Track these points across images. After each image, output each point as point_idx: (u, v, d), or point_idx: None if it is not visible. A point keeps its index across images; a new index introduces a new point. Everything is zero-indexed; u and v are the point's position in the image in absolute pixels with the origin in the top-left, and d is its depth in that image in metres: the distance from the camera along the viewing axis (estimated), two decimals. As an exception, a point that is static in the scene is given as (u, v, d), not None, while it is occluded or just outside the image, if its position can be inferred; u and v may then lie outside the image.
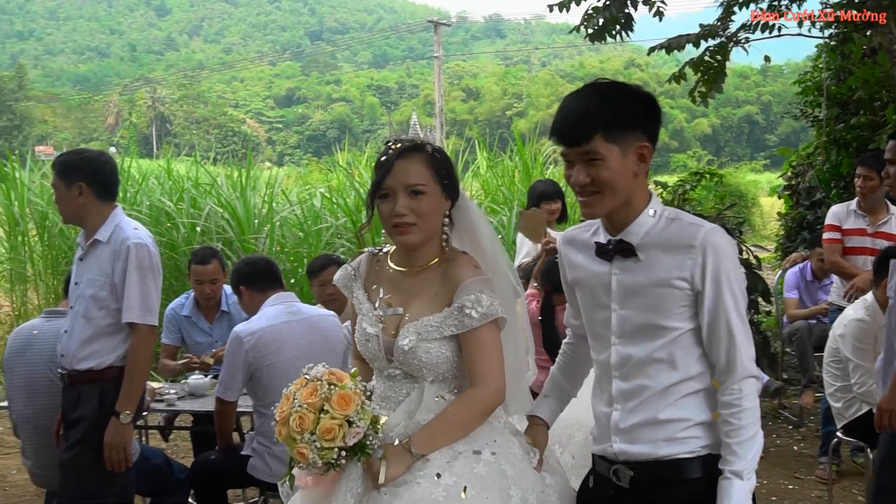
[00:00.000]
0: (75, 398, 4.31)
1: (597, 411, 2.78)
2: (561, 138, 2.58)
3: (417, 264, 2.89)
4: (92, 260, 4.33)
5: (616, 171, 2.53)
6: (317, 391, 2.57)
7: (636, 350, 2.63)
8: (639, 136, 2.56)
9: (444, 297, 2.83)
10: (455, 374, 2.85)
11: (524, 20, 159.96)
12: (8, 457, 7.47)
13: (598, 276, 2.70)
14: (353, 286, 3.02)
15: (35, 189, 11.87)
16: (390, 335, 2.85)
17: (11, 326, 10.89)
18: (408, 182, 2.77)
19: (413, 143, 2.87)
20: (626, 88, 2.62)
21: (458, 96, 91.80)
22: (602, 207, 2.59)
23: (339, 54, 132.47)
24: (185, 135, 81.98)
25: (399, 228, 2.79)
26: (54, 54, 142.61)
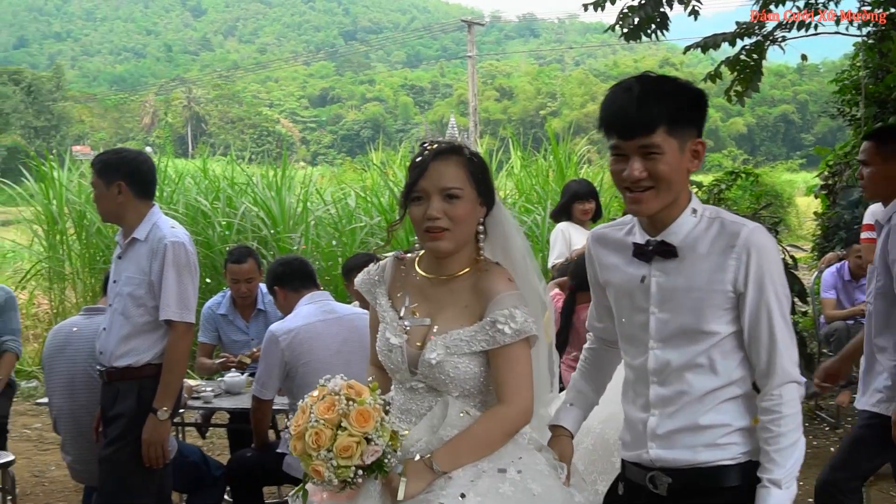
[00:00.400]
0: (114, 395, 4.36)
1: (630, 417, 2.68)
2: (617, 130, 2.45)
3: (447, 273, 2.77)
4: (130, 258, 4.38)
5: (674, 166, 2.44)
6: (334, 406, 2.44)
7: (676, 355, 2.54)
8: (693, 132, 2.48)
9: (475, 310, 2.72)
10: (481, 389, 2.74)
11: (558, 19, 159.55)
12: (47, 453, 7.57)
13: (634, 278, 2.60)
14: (377, 292, 2.89)
15: (73, 188, 11.98)
16: (415, 347, 2.74)
17: (50, 324, 11.02)
18: (443, 185, 2.66)
19: (450, 144, 2.76)
20: (682, 82, 2.53)
21: (491, 96, 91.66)
22: (654, 204, 2.47)
23: (372, 54, 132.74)
24: (220, 134, 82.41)
25: (431, 233, 2.67)
26: (91, 55, 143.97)
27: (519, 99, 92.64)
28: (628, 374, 2.71)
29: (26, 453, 7.47)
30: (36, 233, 12.39)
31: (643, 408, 2.62)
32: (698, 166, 2.53)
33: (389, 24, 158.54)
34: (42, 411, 8.89)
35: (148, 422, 4.26)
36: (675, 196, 2.50)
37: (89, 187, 11.73)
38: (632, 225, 2.66)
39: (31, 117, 72.68)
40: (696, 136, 2.48)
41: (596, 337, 3.01)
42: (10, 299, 6.34)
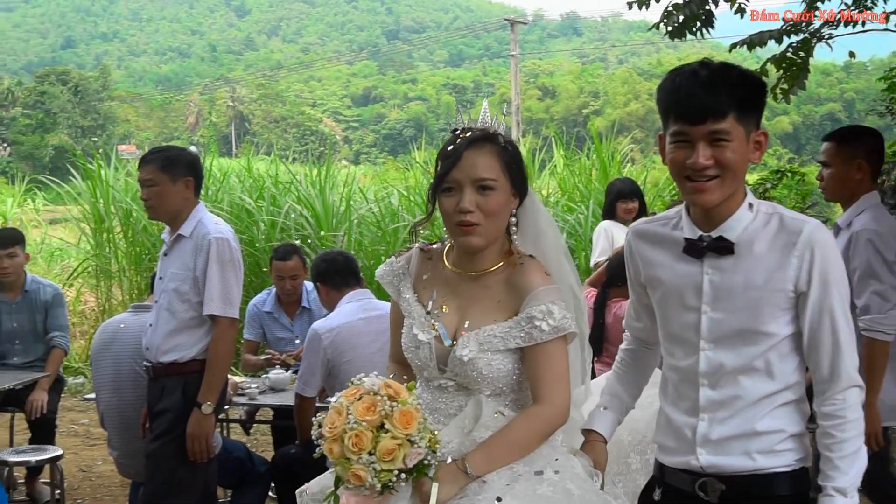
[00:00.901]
0: (160, 390, 4.41)
1: (674, 420, 2.55)
2: (685, 114, 2.34)
3: (479, 268, 2.64)
4: (175, 255, 4.43)
5: (740, 155, 2.35)
6: (375, 407, 2.30)
7: (730, 357, 2.43)
8: (756, 122, 2.40)
9: (509, 306, 2.60)
10: (513, 388, 2.63)
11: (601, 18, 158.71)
12: (94, 448, 7.66)
13: (685, 276, 2.49)
14: (402, 285, 2.77)
15: (119, 187, 12.11)
16: (445, 343, 2.63)
17: (96, 321, 11.16)
18: (476, 175, 2.53)
19: (484, 132, 2.62)
20: (746, 70, 2.43)
21: (534, 95, 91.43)
22: (717, 195, 2.37)
23: (415, 53, 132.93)
24: (264, 134, 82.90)
25: (463, 227, 2.54)
26: (137, 55, 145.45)
27: (561, 98, 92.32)
28: (670, 375, 2.60)
29: (74, 448, 7.57)
30: (83, 231, 12.55)
31: (689, 412, 2.51)
32: (759, 159, 2.45)
33: (432, 23, 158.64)
34: (89, 407, 8.99)
35: (192, 416, 4.30)
36: (737, 188, 2.41)
37: (136, 185, 11.92)
38: (677, 220, 2.56)
39: (78, 117, 73.58)
40: (758, 126, 2.41)
41: (634, 337, 2.89)
42: (58, 296, 6.44)
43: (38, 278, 6.60)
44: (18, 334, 6.35)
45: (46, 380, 6.15)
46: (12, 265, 6.26)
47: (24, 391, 6.03)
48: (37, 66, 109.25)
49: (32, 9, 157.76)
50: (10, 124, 72.56)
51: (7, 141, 71.89)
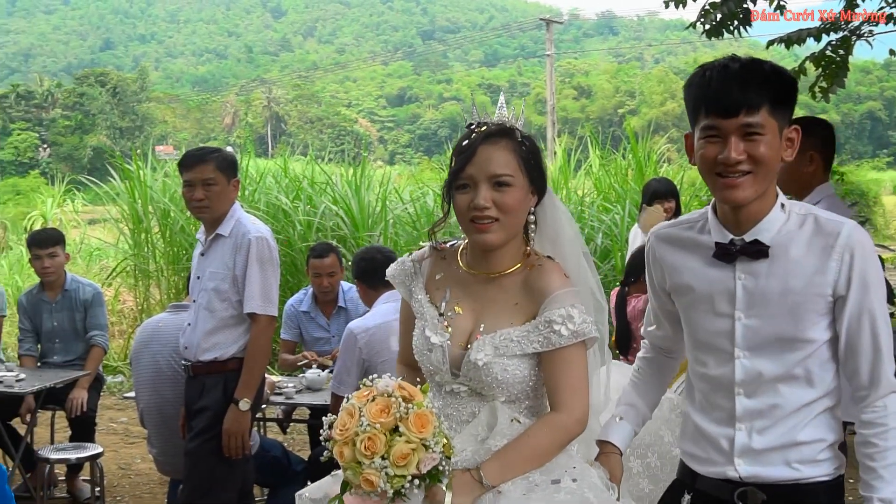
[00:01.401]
0: (199, 389, 4.45)
1: (706, 431, 2.44)
2: (717, 107, 2.25)
3: (495, 269, 2.53)
4: (214, 254, 4.47)
5: (774, 150, 2.26)
6: (389, 409, 2.19)
7: (768, 365, 2.34)
8: (788, 118, 2.31)
9: (527, 309, 2.49)
10: (528, 394, 2.52)
11: (637, 17, 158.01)
12: (133, 446, 7.73)
13: (715, 282, 2.39)
14: (413, 285, 2.66)
15: (157, 188, 12.21)
16: (459, 346, 2.51)
17: (135, 321, 11.28)
18: (492, 171, 2.43)
19: (500, 126, 2.52)
20: (777, 65, 2.33)
21: (569, 94, 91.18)
22: (750, 192, 2.27)
23: (450, 53, 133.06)
24: (299, 134, 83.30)
25: (478, 224, 2.43)
26: (174, 56, 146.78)
27: (597, 97, 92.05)
28: (699, 384, 2.49)
29: (113, 446, 7.64)
30: (122, 231, 12.67)
31: (724, 421, 2.41)
32: (792, 156, 2.34)
33: (467, 23, 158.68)
34: (127, 405, 9.10)
35: (229, 412, 4.34)
36: (769, 186, 2.32)
37: (173, 186, 12.04)
38: (703, 223, 2.46)
39: (117, 118, 74.42)
40: (790, 122, 2.32)
41: (652, 345, 2.79)
42: (97, 295, 6.52)
43: (77, 278, 6.68)
44: (59, 333, 6.43)
45: (86, 378, 6.22)
46: (53, 265, 6.33)
47: (64, 389, 6.10)
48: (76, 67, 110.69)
49: (72, 11, 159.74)
50: (49, 125, 73.50)
51: (47, 142, 72.79)
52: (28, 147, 70.46)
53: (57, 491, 6.29)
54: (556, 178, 13.01)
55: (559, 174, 13.20)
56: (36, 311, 6.46)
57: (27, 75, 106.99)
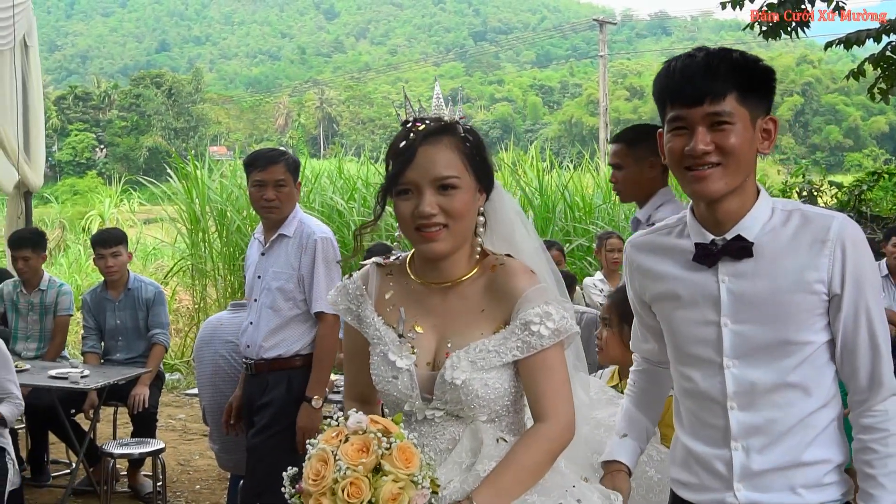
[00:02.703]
0: (262, 385, 4.53)
1: (697, 453, 2.27)
2: (681, 96, 2.12)
3: (450, 277, 2.31)
4: (277, 254, 4.55)
5: (744, 140, 2.11)
6: (368, 447, 1.98)
7: (761, 374, 2.17)
8: (763, 108, 2.16)
9: (496, 314, 2.28)
10: (509, 408, 2.31)
11: (691, 17, 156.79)
12: (191, 443, 7.86)
13: (697, 286, 2.23)
14: (361, 309, 2.40)
15: (215, 188, 12.38)
16: (427, 368, 2.29)
17: (191, 320, 11.44)
18: (436, 174, 2.21)
19: (440, 122, 2.29)
20: (749, 54, 2.17)
21: (621, 95, 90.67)
22: (720, 185, 2.12)
23: (502, 54, 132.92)
24: (352, 135, 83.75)
25: (425, 233, 2.22)
26: (229, 58, 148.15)
27: (649, 98, 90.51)
28: (686, 401, 2.32)
29: (172, 443, 7.76)
30: (179, 231, 12.85)
31: (718, 441, 2.23)
32: (769, 148, 2.20)
33: (519, 23, 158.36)
34: (185, 402, 9.27)
35: (302, 410, 4.42)
36: (743, 179, 2.16)
37: (230, 187, 12.20)
38: (681, 226, 2.31)
39: (172, 119, 75.32)
40: (766, 113, 2.17)
41: (643, 359, 2.63)
42: (159, 294, 6.64)
43: (140, 277, 6.81)
44: (121, 331, 6.55)
45: (148, 375, 6.34)
46: (116, 264, 6.46)
47: (126, 386, 6.21)
48: (132, 69, 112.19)
49: (128, 13, 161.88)
50: (106, 126, 74.64)
51: (104, 143, 73.89)
52: (85, 148, 71.59)
53: (118, 486, 6.41)
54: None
55: (614, 176, 13.18)
56: (99, 310, 6.59)
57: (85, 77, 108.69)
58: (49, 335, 6.74)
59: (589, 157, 16.98)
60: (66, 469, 6.94)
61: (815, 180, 12.56)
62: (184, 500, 6.39)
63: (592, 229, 11.09)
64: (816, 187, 12.02)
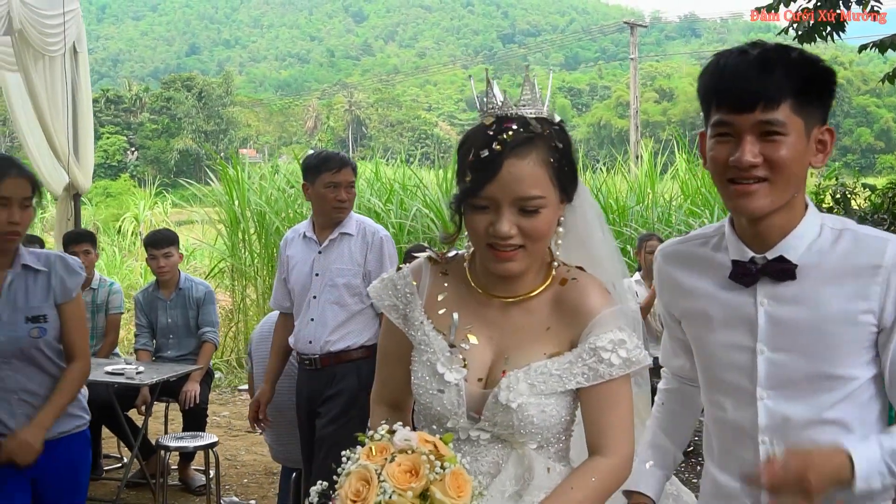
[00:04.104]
0: (329, 378, 4.69)
1: (725, 486, 2.11)
2: (729, 100, 1.88)
3: (518, 293, 2.09)
4: (337, 252, 4.73)
5: (797, 153, 1.87)
6: (418, 469, 1.77)
7: (797, 408, 1.97)
8: (820, 117, 1.92)
9: (562, 335, 2.06)
10: (561, 436, 2.10)
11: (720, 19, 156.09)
12: (236, 438, 8.04)
13: (732, 307, 2.03)
14: (409, 309, 2.17)
15: (255, 189, 12.57)
16: (477, 384, 2.06)
17: (230, 321, 11.62)
18: (520, 194, 1.95)
19: (528, 128, 1.99)
20: (809, 53, 1.94)
21: (650, 97, 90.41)
22: (765, 203, 1.89)
23: (530, 56, 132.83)
24: (380, 137, 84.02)
25: (499, 252, 1.99)
26: (258, 61, 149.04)
27: (679, 100, 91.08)
28: (716, 430, 2.15)
29: (218, 439, 7.96)
30: (220, 232, 13.06)
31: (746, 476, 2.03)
32: (823, 162, 1.95)
33: (548, 26, 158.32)
34: (229, 400, 9.48)
35: None
36: (791, 195, 1.93)
37: (269, 189, 12.40)
38: (718, 238, 2.10)
39: (202, 122, 75.85)
40: (822, 121, 1.93)
41: (673, 375, 2.41)
42: (209, 294, 6.82)
43: (191, 277, 7.00)
44: (173, 329, 6.74)
45: (198, 372, 6.52)
46: (168, 264, 6.65)
47: (177, 382, 6.38)
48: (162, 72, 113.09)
49: (159, 17, 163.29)
50: (137, 129, 75.22)
51: (135, 145, 74.50)
52: (117, 150, 72.20)
53: (170, 479, 6.60)
54: (643, 183, 13.11)
55: (645, 179, 13.30)
56: (151, 308, 6.79)
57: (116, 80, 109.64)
58: (101, 333, 6.93)
59: (622, 159, 17.08)
60: (118, 463, 7.15)
61: (848, 183, 12.58)
62: (233, 493, 6.56)
63: (626, 231, 11.20)
64: (850, 190, 12.03)
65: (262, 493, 6.60)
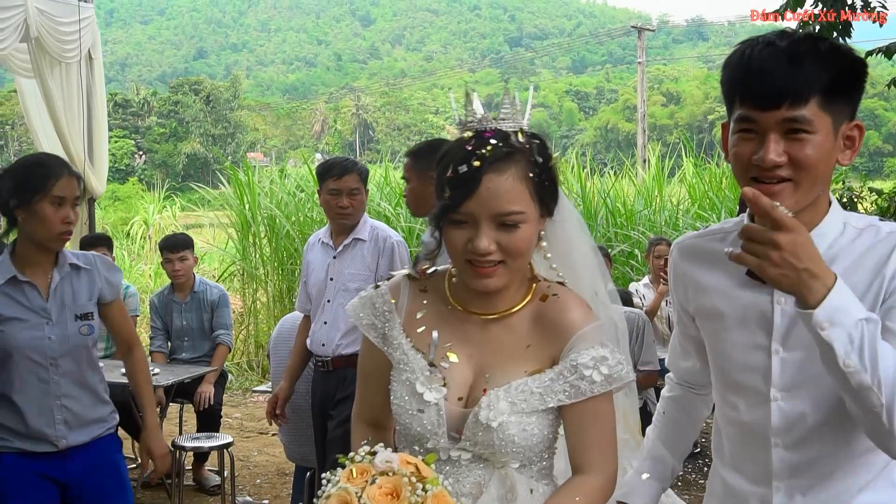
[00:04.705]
0: (340, 380, 4.76)
1: (737, 489, 2.05)
2: (754, 95, 1.79)
3: (498, 309, 2.05)
4: (351, 257, 4.82)
5: (824, 152, 1.79)
6: (399, 491, 1.73)
7: (811, 408, 1.90)
8: (849, 112, 1.84)
9: (543, 352, 2.02)
10: (543, 455, 2.06)
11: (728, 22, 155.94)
12: (248, 440, 8.14)
13: (748, 305, 1.97)
14: (388, 328, 2.12)
15: (265, 193, 12.66)
16: (457, 403, 2.02)
17: (241, 324, 11.70)
18: (499, 210, 1.91)
19: (507, 143, 1.96)
20: (840, 45, 1.85)
21: (657, 101, 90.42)
22: (792, 202, 1.79)
23: (537, 60, 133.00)
24: (387, 141, 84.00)
25: (478, 268, 1.95)
26: (265, 65, 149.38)
27: (686, 104, 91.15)
28: (728, 430, 2.09)
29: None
30: (231, 236, 13.16)
31: (758, 478, 2.00)
32: (851, 159, 1.87)
33: (555, 29, 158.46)
34: (241, 402, 9.59)
35: None
36: (818, 193, 1.86)
37: (279, 193, 12.50)
38: (736, 233, 1.93)
39: (210, 125, 75.94)
40: (851, 117, 1.85)
41: (680, 380, 2.37)
42: (223, 297, 6.93)
43: (205, 280, 7.11)
44: (187, 332, 6.85)
45: (213, 374, 6.62)
46: (183, 268, 6.76)
47: (192, 384, 6.49)
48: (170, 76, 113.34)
49: (167, 21, 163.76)
50: (145, 133, 75.40)
51: (143, 149, 74.70)
52: (125, 154, 72.34)
53: (184, 479, 6.69)
54: (650, 187, 13.18)
55: (653, 182, 13.36)
56: (167, 311, 6.90)
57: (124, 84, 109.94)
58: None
59: (630, 163, 17.14)
60: (133, 464, 7.24)
61: (854, 186, 12.62)
62: (246, 493, 6.66)
63: (634, 235, 11.27)
64: (856, 194, 12.07)
65: (275, 493, 6.70)
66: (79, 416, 3.54)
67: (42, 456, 3.51)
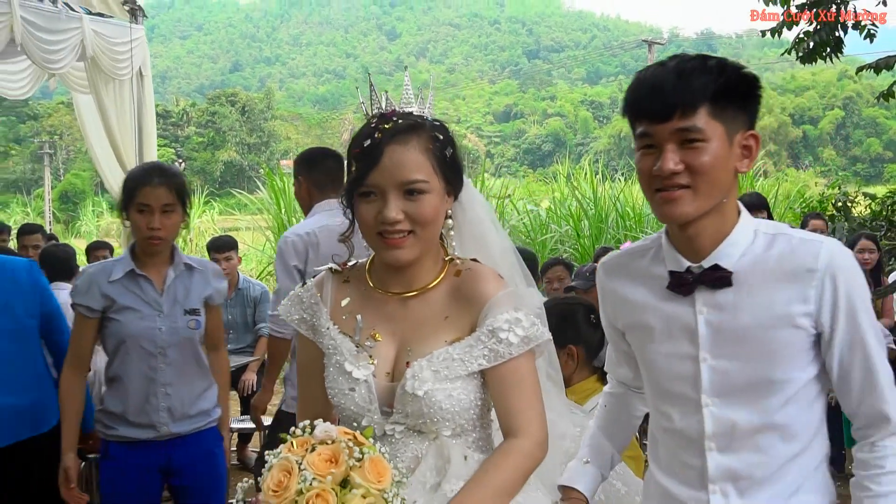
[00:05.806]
0: None
1: (675, 494, 2.03)
2: (648, 111, 1.85)
3: (415, 286, 2.06)
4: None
5: (719, 159, 1.83)
6: (337, 457, 1.75)
7: (743, 414, 1.92)
8: (743, 122, 1.88)
9: (461, 321, 2.03)
10: (476, 423, 2.06)
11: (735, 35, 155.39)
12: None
13: (673, 318, 1.97)
14: (316, 319, 2.13)
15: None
16: (386, 379, 2.04)
17: (276, 320, 11.94)
18: (403, 178, 1.95)
19: (408, 120, 2.02)
20: (729, 61, 1.89)
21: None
22: (689, 209, 1.85)
23: (554, 71, 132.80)
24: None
25: (389, 239, 1.97)
26: (297, 77, 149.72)
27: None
28: (664, 438, 2.07)
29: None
30: (268, 238, 13.41)
31: (695, 483, 1.99)
32: (749, 167, 1.91)
33: (571, 42, 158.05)
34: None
35: None
36: (718, 201, 1.88)
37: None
38: (655, 249, 2.03)
39: (245, 135, 76.28)
40: (747, 127, 1.89)
41: (617, 381, 2.36)
42: (265, 293, 7.20)
43: (248, 278, 7.38)
44: (232, 325, 7.05)
45: (255, 363, 6.87)
46: (228, 267, 6.99)
47: (236, 373, 6.70)
48: (208, 88, 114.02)
49: (204, 36, 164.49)
50: (185, 142, 75.83)
51: (183, 157, 75.13)
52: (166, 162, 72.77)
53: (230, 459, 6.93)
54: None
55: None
56: (213, 306, 7.15)
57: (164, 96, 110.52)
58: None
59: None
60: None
61: (849, 191, 12.72)
62: (285, 472, 6.88)
63: (642, 237, 11.46)
64: (851, 198, 12.18)
65: (312, 472, 6.92)
66: (182, 406, 3.61)
67: (145, 444, 3.59)
